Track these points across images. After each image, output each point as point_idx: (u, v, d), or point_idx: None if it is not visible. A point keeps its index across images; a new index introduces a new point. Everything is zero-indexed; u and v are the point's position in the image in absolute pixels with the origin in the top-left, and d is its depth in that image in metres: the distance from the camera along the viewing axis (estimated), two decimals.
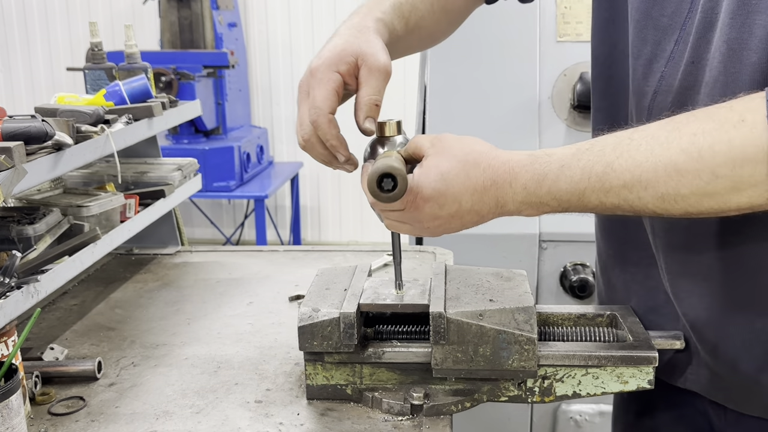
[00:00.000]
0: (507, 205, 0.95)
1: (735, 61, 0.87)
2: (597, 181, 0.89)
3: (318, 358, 1.14)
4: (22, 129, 1.28)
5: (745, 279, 0.97)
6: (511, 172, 0.94)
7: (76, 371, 1.26)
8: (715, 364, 1.04)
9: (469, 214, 0.97)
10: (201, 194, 4.49)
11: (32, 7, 5.73)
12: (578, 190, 0.90)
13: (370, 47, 1.05)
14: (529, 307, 1.08)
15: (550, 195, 0.92)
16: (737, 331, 0.99)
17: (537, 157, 0.94)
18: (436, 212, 0.97)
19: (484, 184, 0.95)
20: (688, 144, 0.82)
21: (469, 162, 0.96)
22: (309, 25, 5.55)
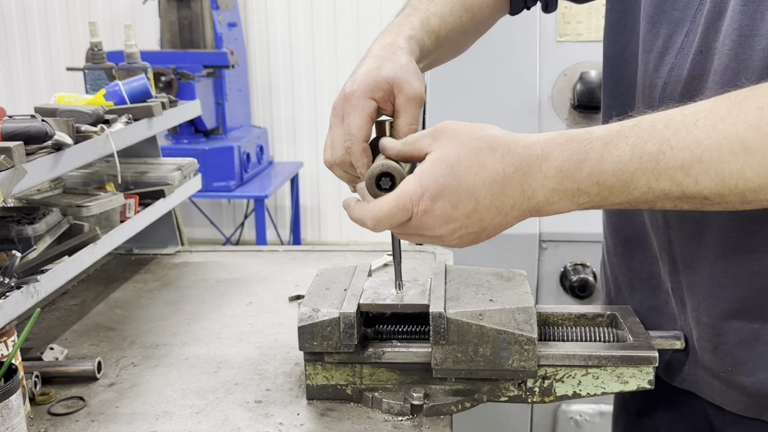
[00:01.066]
0: (536, 195, 0.83)
1: (746, 47, 0.85)
2: (650, 161, 0.78)
3: (318, 358, 1.14)
4: (21, 129, 1.28)
5: (750, 277, 0.96)
6: (541, 154, 0.82)
7: (76, 371, 1.26)
8: (713, 364, 1.03)
9: (489, 212, 0.84)
10: (201, 194, 4.49)
11: (32, 7, 5.73)
12: (627, 172, 0.79)
13: (405, 73, 1.01)
14: (529, 307, 1.08)
15: (591, 179, 0.81)
16: (738, 330, 0.99)
17: (573, 135, 0.82)
18: (448, 213, 0.85)
19: (504, 173, 0.83)
20: (756, 119, 0.74)
21: (483, 148, 0.84)
22: (309, 25, 5.55)
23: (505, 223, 0.87)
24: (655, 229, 1.10)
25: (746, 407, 1.01)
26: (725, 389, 1.03)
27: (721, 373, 1.02)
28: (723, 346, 1.01)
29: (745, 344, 0.98)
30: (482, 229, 0.86)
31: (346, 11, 5.48)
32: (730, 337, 1.00)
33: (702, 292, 1.02)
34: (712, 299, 1.00)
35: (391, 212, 0.87)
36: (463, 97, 2.14)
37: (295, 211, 5.43)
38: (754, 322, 0.97)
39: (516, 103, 2.13)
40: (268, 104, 5.68)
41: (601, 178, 0.81)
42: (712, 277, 0.99)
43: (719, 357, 1.02)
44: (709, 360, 1.04)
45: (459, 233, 0.87)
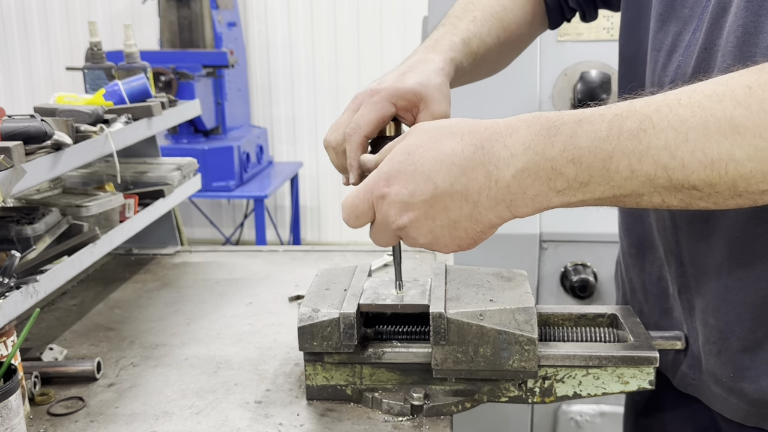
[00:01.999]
0: (503, 177, 0.75)
1: (750, 44, 0.82)
2: (630, 140, 0.71)
3: (318, 359, 1.14)
4: (21, 129, 1.28)
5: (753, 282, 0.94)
6: (505, 130, 0.76)
7: (76, 371, 1.26)
8: (717, 369, 1.02)
9: (452, 199, 0.77)
10: (200, 194, 4.49)
11: (31, 6, 5.73)
12: (605, 150, 0.72)
13: (436, 92, 1.00)
14: (530, 308, 1.08)
15: (565, 155, 0.73)
16: (742, 335, 0.98)
17: (542, 113, 0.77)
18: (406, 200, 0.79)
19: (463, 153, 0.76)
20: (744, 96, 0.69)
21: (444, 132, 0.79)
22: (309, 25, 5.55)
23: (477, 214, 0.78)
24: (662, 230, 1.09)
25: (747, 415, 0.99)
26: (727, 396, 1.01)
27: (724, 379, 1.01)
28: (727, 350, 0.99)
29: (748, 351, 0.97)
30: (452, 221, 0.79)
31: (346, 11, 5.48)
32: (733, 343, 0.99)
33: (710, 294, 1.01)
34: (719, 302, 0.99)
35: (353, 203, 0.85)
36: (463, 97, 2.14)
37: (295, 211, 5.43)
38: (757, 330, 0.96)
39: (516, 103, 2.13)
40: (268, 104, 5.68)
41: (577, 155, 0.73)
42: (719, 279, 0.98)
43: (723, 362, 1.01)
44: (713, 365, 1.03)
45: (427, 226, 0.80)
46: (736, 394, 1.00)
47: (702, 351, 1.05)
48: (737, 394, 1.00)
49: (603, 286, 2.05)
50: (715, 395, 1.04)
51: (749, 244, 0.93)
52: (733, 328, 0.98)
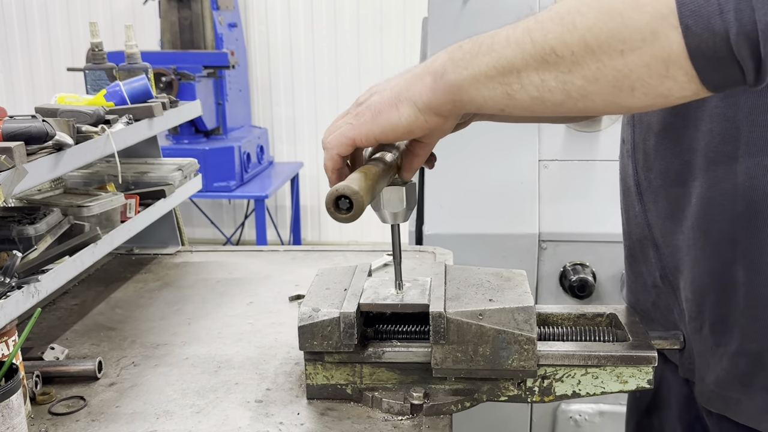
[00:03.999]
0: (434, 62, 0.89)
1: None
2: (512, 27, 0.82)
3: (318, 358, 1.14)
4: (22, 129, 1.28)
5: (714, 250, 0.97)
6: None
7: (77, 371, 1.26)
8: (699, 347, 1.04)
9: (396, 79, 0.94)
10: (201, 194, 4.49)
11: (32, 7, 5.74)
12: (496, 34, 0.83)
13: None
14: (529, 307, 1.09)
15: (454, 47, 0.87)
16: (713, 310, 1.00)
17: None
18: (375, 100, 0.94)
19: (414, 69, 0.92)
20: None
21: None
22: (309, 25, 5.55)
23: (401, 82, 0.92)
24: (635, 217, 1.13)
25: (710, 398, 1.02)
26: (702, 376, 1.04)
27: (705, 355, 1.03)
28: (704, 325, 1.02)
29: (718, 325, 1.00)
30: (391, 91, 0.92)
31: (346, 11, 5.48)
32: (707, 316, 1.01)
33: (685, 270, 1.04)
34: (692, 275, 1.02)
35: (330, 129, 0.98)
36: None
37: (296, 211, 5.43)
38: (724, 303, 0.98)
39: None
40: (269, 104, 5.68)
41: (475, 38, 0.85)
42: (689, 252, 1.02)
43: (703, 337, 1.03)
44: (698, 342, 1.05)
45: (373, 99, 0.94)
46: (711, 372, 1.02)
47: (689, 332, 1.07)
48: (711, 372, 1.02)
49: (602, 285, 2.06)
50: (700, 377, 1.06)
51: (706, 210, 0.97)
52: (705, 299, 1.01)
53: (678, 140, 1.00)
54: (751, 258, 0.94)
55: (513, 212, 2.06)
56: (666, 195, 1.05)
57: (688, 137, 0.98)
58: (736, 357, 0.98)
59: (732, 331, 0.98)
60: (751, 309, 0.95)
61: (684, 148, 0.99)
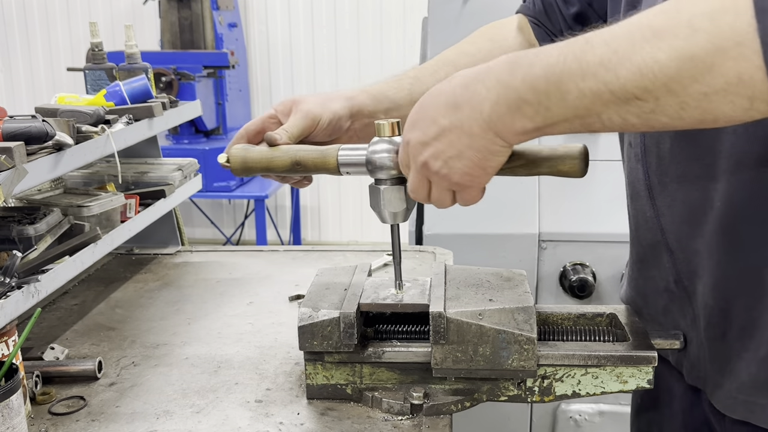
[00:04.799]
0: (484, 107, 0.87)
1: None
2: (574, 62, 0.80)
3: (318, 358, 1.14)
4: (22, 129, 1.29)
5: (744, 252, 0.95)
6: (484, 70, 0.88)
7: (77, 371, 1.26)
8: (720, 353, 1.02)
9: (452, 132, 0.90)
10: (201, 194, 4.49)
11: (32, 7, 5.74)
12: (555, 74, 0.81)
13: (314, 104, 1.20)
14: (529, 307, 1.09)
15: (525, 85, 0.83)
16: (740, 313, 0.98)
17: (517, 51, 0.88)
18: (421, 139, 0.93)
19: (454, 93, 0.90)
20: (669, 5, 0.76)
21: (442, 84, 0.93)
22: (309, 25, 5.55)
23: (475, 143, 0.90)
24: (644, 223, 1.11)
25: (734, 404, 1.00)
26: (723, 383, 1.01)
27: (728, 362, 1.00)
28: (731, 329, 0.99)
29: (748, 329, 0.97)
30: (458, 152, 0.92)
31: (346, 11, 5.49)
32: (734, 320, 0.98)
33: (705, 275, 1.01)
34: (714, 280, 0.99)
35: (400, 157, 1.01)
36: None
37: (296, 211, 5.43)
38: (755, 306, 0.95)
39: None
40: (269, 104, 5.67)
41: (535, 83, 0.83)
42: (711, 257, 0.99)
43: (728, 343, 1.00)
44: (718, 349, 1.02)
45: (442, 158, 0.93)
46: (733, 378, 0.99)
47: (705, 338, 1.04)
48: (734, 378, 0.99)
49: (602, 285, 2.06)
50: (715, 385, 1.03)
51: (733, 213, 0.94)
52: (734, 304, 0.98)
53: (697, 143, 0.97)
54: None
55: (513, 212, 2.06)
56: (683, 199, 1.01)
57: (708, 139, 0.95)
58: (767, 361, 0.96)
59: (763, 336, 0.95)
60: None
61: (704, 151, 0.96)
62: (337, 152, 1.10)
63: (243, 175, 1.17)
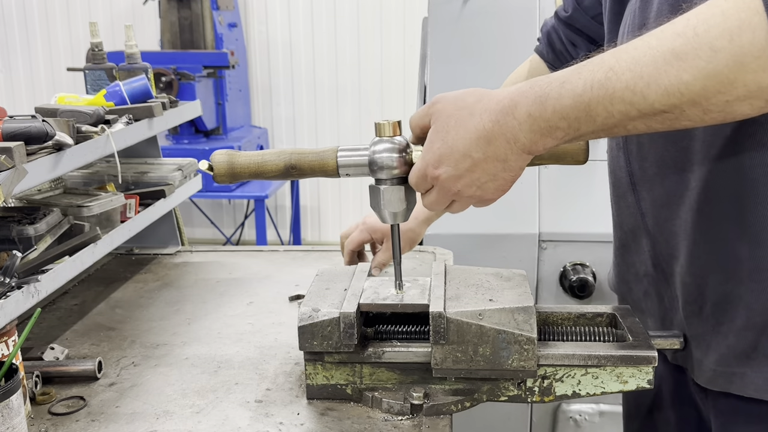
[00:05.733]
0: (518, 138, 0.93)
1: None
2: (600, 89, 0.86)
3: (318, 358, 1.14)
4: (22, 129, 1.29)
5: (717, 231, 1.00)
6: (511, 104, 0.93)
7: (77, 371, 1.26)
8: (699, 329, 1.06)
9: (488, 162, 0.96)
10: (201, 194, 4.49)
11: (32, 7, 5.74)
12: (583, 103, 0.87)
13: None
14: (529, 307, 1.09)
15: (556, 115, 0.89)
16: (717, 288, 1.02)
17: (537, 80, 0.93)
18: (453, 174, 0.98)
19: (485, 129, 0.94)
20: (682, 27, 0.81)
21: (464, 116, 0.96)
22: (309, 25, 5.55)
23: (509, 166, 0.96)
24: (627, 207, 1.15)
25: (713, 377, 1.04)
26: (701, 357, 1.05)
27: (705, 336, 1.05)
28: (706, 304, 1.04)
29: (722, 304, 1.01)
30: (492, 176, 0.97)
31: (346, 11, 5.48)
32: (710, 295, 1.03)
33: (682, 255, 1.05)
34: (692, 258, 1.04)
35: (416, 183, 1.04)
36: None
37: (295, 211, 5.43)
38: (728, 280, 1.00)
39: None
40: (268, 104, 5.68)
41: (564, 112, 0.89)
42: (687, 236, 1.04)
43: (704, 318, 1.04)
44: (696, 325, 1.06)
45: (475, 185, 0.99)
46: (711, 352, 1.03)
47: (684, 316, 1.08)
48: (712, 352, 1.03)
49: (602, 285, 2.06)
50: (694, 360, 1.08)
51: (707, 193, 0.99)
52: (707, 279, 1.02)
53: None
54: (754, 233, 0.96)
55: (513, 212, 2.06)
56: (662, 182, 1.06)
57: None
58: (743, 332, 1.00)
59: (737, 308, 1.00)
60: (755, 283, 0.97)
61: (681, 135, 1.01)
62: (336, 154, 1.10)
63: (228, 181, 1.13)
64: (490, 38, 2.15)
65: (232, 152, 1.14)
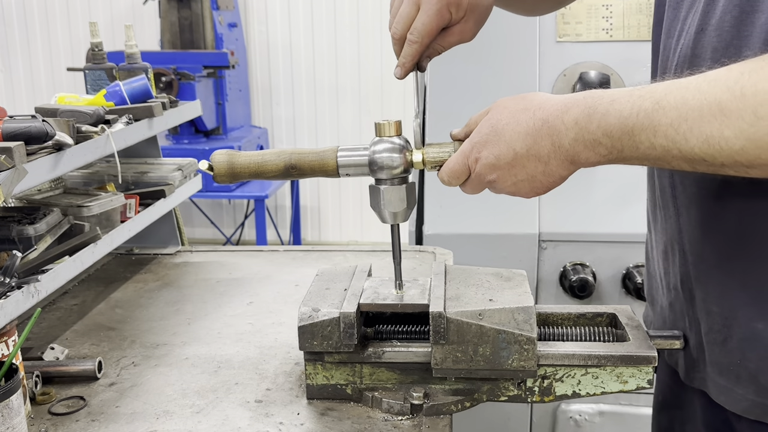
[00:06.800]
0: (562, 143, 0.93)
1: (748, 23, 0.87)
2: (645, 118, 0.86)
3: (318, 358, 1.14)
4: (22, 129, 1.29)
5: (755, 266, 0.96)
6: (563, 108, 0.94)
7: (77, 371, 1.26)
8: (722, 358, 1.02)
9: (528, 160, 0.96)
10: (201, 194, 4.49)
11: (32, 7, 5.74)
12: (627, 126, 0.88)
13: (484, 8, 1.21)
14: (529, 307, 1.09)
15: (600, 130, 0.90)
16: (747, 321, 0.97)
17: (592, 93, 0.93)
18: (493, 162, 0.98)
19: (534, 125, 0.95)
20: (733, 82, 0.80)
21: (519, 109, 0.98)
22: (309, 25, 5.55)
23: (549, 171, 0.97)
24: (667, 218, 1.10)
25: (750, 406, 0.99)
26: (732, 386, 1.01)
27: (731, 367, 1.00)
28: (732, 337, 0.99)
29: (753, 337, 0.97)
30: (530, 176, 0.98)
31: (346, 11, 5.48)
32: (737, 330, 0.98)
33: (712, 282, 1.01)
34: (722, 288, 1.00)
35: (452, 167, 1.04)
36: (463, 97, 2.15)
37: (296, 211, 5.43)
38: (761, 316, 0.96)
39: None
40: (269, 104, 5.68)
41: (608, 130, 0.90)
42: (720, 265, 1.00)
43: (728, 350, 1.00)
44: (718, 354, 1.02)
45: (511, 180, 0.99)
46: (743, 383, 0.99)
47: (705, 341, 1.04)
48: (743, 383, 0.99)
49: (602, 285, 2.06)
50: (719, 387, 1.03)
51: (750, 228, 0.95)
52: (737, 314, 0.98)
53: None
54: None
55: (513, 212, 2.06)
56: (699, 205, 1.02)
57: None
58: None
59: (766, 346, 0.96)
60: None
61: None
62: (336, 154, 1.10)
63: (228, 181, 1.13)
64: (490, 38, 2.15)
65: (232, 152, 1.14)
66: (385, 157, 1.07)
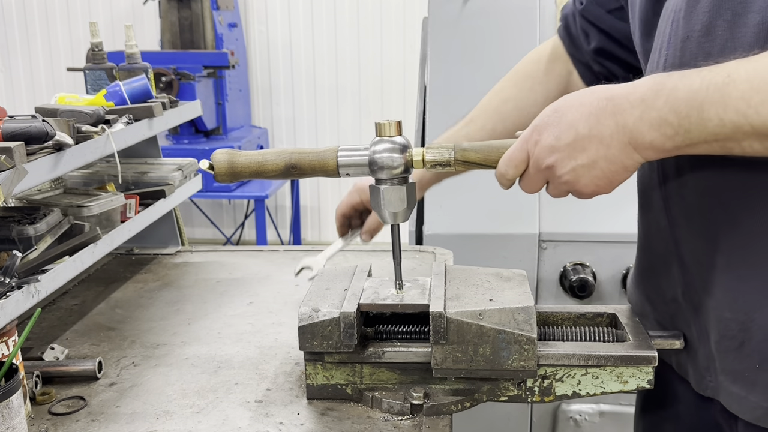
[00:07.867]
0: (627, 123, 0.90)
1: (741, 25, 0.88)
2: (716, 92, 0.84)
3: (318, 358, 1.14)
4: (22, 129, 1.28)
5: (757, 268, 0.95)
6: (631, 87, 0.91)
7: (77, 371, 1.26)
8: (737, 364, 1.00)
9: (590, 141, 0.93)
10: (201, 194, 4.49)
11: (32, 7, 5.74)
12: (697, 100, 0.85)
13: None
14: (529, 307, 1.09)
15: (668, 106, 0.87)
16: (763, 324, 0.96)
17: (660, 73, 0.91)
18: (552, 143, 0.95)
19: (598, 105, 0.92)
20: None
21: (585, 94, 0.95)
22: (309, 25, 5.55)
23: (611, 155, 0.93)
24: (658, 232, 1.09)
25: (764, 414, 0.97)
26: (746, 394, 0.99)
27: (746, 374, 0.99)
28: (750, 341, 0.98)
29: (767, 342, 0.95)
30: (591, 161, 0.94)
31: (346, 11, 5.49)
32: (756, 332, 0.97)
33: (721, 288, 1.00)
34: (734, 293, 0.98)
35: (511, 154, 1.02)
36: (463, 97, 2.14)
37: (296, 211, 5.43)
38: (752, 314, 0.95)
39: None
40: (268, 104, 5.68)
41: (676, 105, 0.87)
42: (729, 271, 0.98)
43: (746, 354, 0.98)
44: (733, 360, 1.00)
45: (570, 165, 0.95)
46: (758, 390, 0.97)
47: (716, 350, 1.03)
48: (759, 390, 0.97)
49: (602, 285, 2.06)
50: (732, 395, 1.01)
51: (759, 228, 0.94)
52: (754, 316, 0.96)
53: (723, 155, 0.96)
54: None
55: (513, 212, 2.06)
56: (703, 213, 1.00)
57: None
58: None
59: None
60: None
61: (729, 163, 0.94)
62: (336, 154, 1.10)
63: (229, 181, 1.14)
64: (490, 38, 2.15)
65: (232, 152, 1.14)
66: (386, 157, 1.07)
